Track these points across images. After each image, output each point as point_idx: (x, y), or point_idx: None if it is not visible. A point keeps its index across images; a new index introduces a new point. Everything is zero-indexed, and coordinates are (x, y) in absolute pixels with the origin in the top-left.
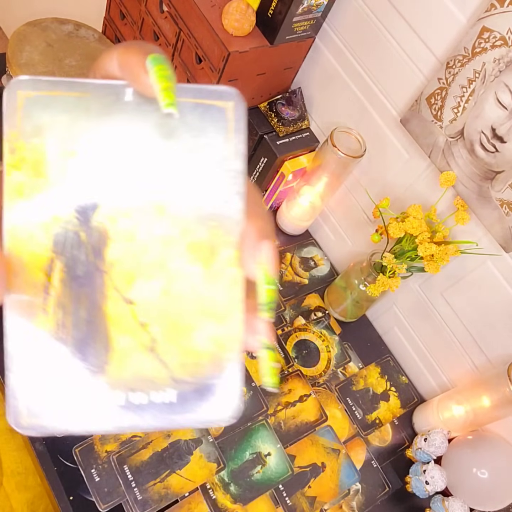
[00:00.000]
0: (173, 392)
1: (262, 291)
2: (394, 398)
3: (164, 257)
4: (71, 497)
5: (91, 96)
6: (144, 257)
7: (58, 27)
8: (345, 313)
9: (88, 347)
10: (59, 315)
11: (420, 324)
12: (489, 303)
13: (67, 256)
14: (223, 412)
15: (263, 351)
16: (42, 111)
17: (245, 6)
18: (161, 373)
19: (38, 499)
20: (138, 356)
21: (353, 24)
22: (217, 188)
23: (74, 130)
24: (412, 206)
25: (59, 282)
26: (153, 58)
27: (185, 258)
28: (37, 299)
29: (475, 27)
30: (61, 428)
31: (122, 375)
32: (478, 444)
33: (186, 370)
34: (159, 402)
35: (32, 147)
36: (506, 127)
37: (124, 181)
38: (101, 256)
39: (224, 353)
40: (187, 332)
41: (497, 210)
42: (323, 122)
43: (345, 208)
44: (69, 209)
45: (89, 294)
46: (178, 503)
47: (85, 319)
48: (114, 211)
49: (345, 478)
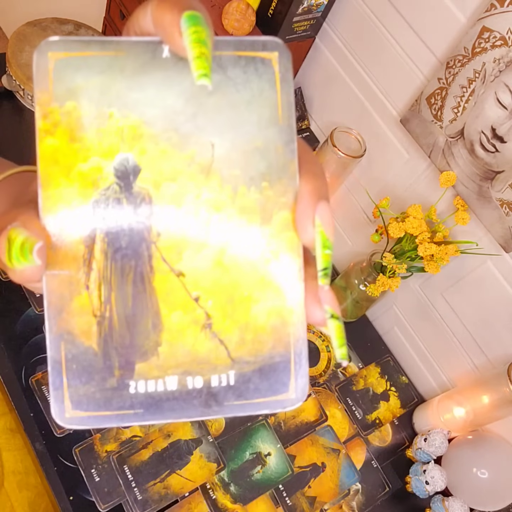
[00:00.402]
0: (232, 373)
1: (320, 256)
2: (394, 398)
3: (214, 223)
4: (71, 497)
5: (126, 55)
6: (192, 224)
7: (58, 27)
8: (345, 313)
9: (137, 326)
10: (102, 291)
11: (420, 324)
12: (489, 303)
13: (108, 226)
14: (289, 394)
15: (330, 321)
16: (74, 72)
17: (245, 6)
18: (218, 353)
19: (39, 498)
20: (192, 334)
21: (353, 24)
22: (267, 146)
23: (109, 91)
24: (412, 206)
25: (101, 254)
26: (188, 16)
27: (236, 223)
28: (78, 274)
29: (475, 27)
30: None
31: (176, 357)
32: (478, 444)
33: (245, 348)
34: (216, 385)
35: (65, 110)
36: (506, 127)
37: (168, 140)
38: (148, 224)
39: (286, 327)
40: (244, 305)
41: (497, 210)
42: (323, 122)
43: (345, 208)
44: (109, 174)
45: (135, 267)
46: (178, 503)
47: (132, 294)
48: (158, 175)
49: (345, 478)
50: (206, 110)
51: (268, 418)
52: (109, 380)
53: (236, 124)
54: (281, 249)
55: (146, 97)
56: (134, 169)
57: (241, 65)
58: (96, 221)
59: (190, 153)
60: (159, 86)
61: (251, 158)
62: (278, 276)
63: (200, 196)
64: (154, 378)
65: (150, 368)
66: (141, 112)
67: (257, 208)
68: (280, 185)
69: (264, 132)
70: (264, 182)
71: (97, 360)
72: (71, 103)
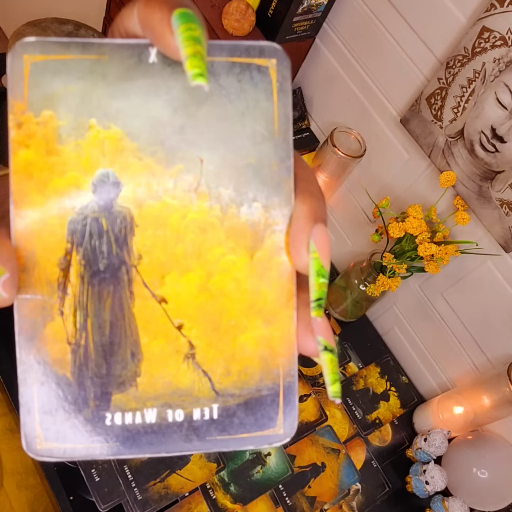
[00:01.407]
0: (215, 407)
1: (313, 285)
2: (394, 398)
3: (200, 245)
4: (71, 497)
5: (109, 59)
6: (177, 246)
7: (58, 27)
8: (345, 313)
9: (114, 355)
10: (78, 317)
11: (420, 324)
12: (489, 303)
13: (85, 248)
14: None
15: (322, 354)
16: (52, 78)
17: (245, 6)
18: (201, 385)
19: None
20: (174, 364)
21: (353, 24)
22: (261, 162)
23: (90, 99)
24: (412, 206)
25: (77, 278)
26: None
27: (225, 246)
28: (52, 299)
29: (475, 27)
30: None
31: (156, 388)
32: (478, 444)
33: (230, 380)
34: (198, 419)
35: (41, 120)
36: (506, 127)
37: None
38: (127, 247)
39: (275, 358)
40: (230, 334)
41: (497, 210)
42: (323, 122)
43: (345, 208)
44: (87, 191)
45: (113, 292)
46: (178, 503)
47: (110, 321)
48: (140, 193)
49: (345, 478)
50: (196, 122)
51: None
52: (84, 411)
53: (227, 137)
54: (272, 275)
55: (130, 107)
56: (114, 186)
57: (235, 73)
58: (72, 242)
59: (177, 169)
60: (144, 94)
61: (243, 176)
62: (268, 304)
63: (186, 216)
64: (131, 410)
65: (128, 399)
66: (124, 123)
67: (247, 230)
68: (273, 205)
69: (258, 147)
70: (256, 203)
71: (71, 390)
72: (47, 112)
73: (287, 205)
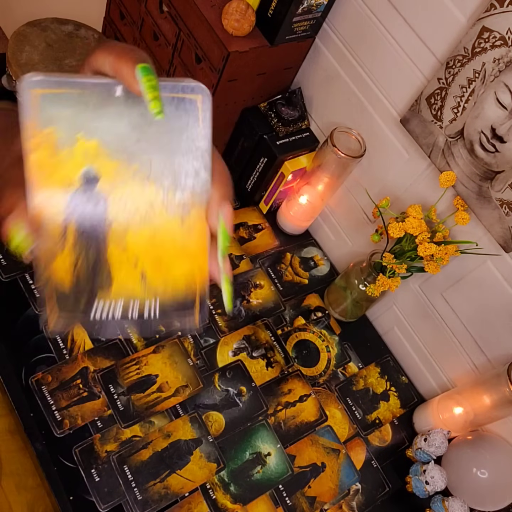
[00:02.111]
0: (157, 307)
1: (220, 240)
2: (394, 398)
3: (150, 215)
4: (71, 497)
5: (89, 93)
6: (135, 215)
7: (58, 27)
8: (345, 313)
9: (96, 278)
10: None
11: (420, 324)
12: (489, 303)
13: (77, 215)
14: (195, 315)
15: (223, 282)
16: (51, 106)
17: (245, 6)
18: (150, 295)
19: (38, 500)
20: (133, 283)
21: (353, 24)
22: (189, 163)
23: (77, 121)
24: (412, 206)
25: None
26: (141, 68)
27: (165, 215)
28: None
29: (475, 27)
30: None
31: (121, 295)
32: (478, 444)
33: (167, 294)
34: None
35: (46, 134)
36: (506, 127)
37: (118, 158)
38: (104, 215)
39: (195, 282)
40: (168, 268)
41: (497, 210)
42: (323, 122)
43: (345, 208)
44: (78, 180)
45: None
46: (178, 503)
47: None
48: (112, 182)
49: (345, 478)
50: (147, 136)
51: (268, 418)
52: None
53: (168, 147)
54: (195, 233)
55: (104, 126)
56: (95, 178)
57: (174, 104)
58: (69, 211)
59: (135, 167)
60: (113, 117)
61: (178, 173)
62: (192, 251)
63: (141, 197)
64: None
65: (107, 295)
66: (100, 137)
67: (180, 206)
68: (197, 191)
69: (188, 154)
70: (186, 190)
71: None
72: (49, 128)
73: (206, 191)
